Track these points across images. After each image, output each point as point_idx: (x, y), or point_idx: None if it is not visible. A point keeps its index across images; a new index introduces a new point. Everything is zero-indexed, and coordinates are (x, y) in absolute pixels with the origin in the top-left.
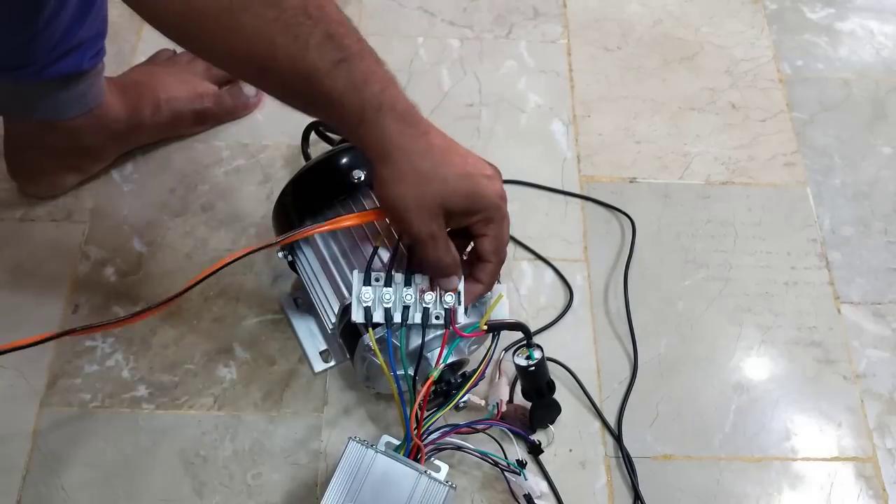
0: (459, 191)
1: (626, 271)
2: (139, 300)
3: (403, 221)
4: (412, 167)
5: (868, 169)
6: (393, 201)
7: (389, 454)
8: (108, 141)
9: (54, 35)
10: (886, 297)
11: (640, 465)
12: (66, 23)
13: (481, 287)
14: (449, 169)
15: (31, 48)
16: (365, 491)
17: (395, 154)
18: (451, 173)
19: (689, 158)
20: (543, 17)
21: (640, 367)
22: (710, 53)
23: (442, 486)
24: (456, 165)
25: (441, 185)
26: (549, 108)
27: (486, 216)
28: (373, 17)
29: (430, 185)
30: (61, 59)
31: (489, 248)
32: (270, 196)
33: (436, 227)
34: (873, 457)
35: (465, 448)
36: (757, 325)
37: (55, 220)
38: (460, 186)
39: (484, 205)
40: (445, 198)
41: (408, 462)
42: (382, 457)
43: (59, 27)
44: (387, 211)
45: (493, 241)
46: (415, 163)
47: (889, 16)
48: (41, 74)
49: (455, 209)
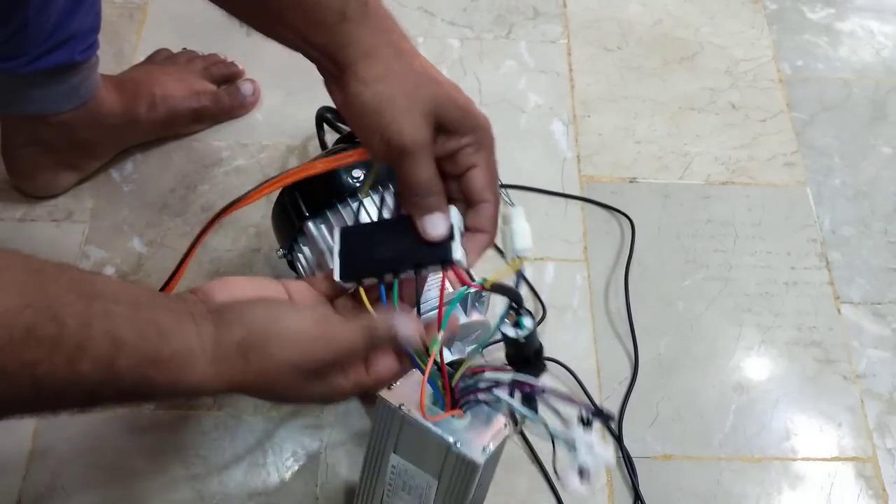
0: (455, 99)
1: (627, 271)
2: None
3: (391, 127)
4: (403, 64)
5: (868, 169)
6: (380, 102)
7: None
8: (104, 137)
9: (45, 26)
10: (886, 297)
11: (640, 465)
12: (57, 14)
13: (486, 236)
14: (440, 75)
15: (21, 39)
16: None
17: (383, 50)
18: (444, 79)
19: (689, 158)
20: (543, 17)
21: (640, 367)
22: (710, 53)
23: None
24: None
25: (435, 88)
26: (549, 108)
27: (478, 139)
28: None
29: (423, 86)
30: (53, 51)
31: (484, 183)
32: (270, 196)
33: (428, 135)
34: (873, 457)
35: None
36: (757, 325)
37: (55, 220)
38: (456, 94)
39: (476, 123)
40: (439, 103)
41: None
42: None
43: (49, 18)
44: (369, 116)
45: (488, 172)
46: (406, 60)
47: (889, 16)
48: (33, 66)
49: (448, 120)
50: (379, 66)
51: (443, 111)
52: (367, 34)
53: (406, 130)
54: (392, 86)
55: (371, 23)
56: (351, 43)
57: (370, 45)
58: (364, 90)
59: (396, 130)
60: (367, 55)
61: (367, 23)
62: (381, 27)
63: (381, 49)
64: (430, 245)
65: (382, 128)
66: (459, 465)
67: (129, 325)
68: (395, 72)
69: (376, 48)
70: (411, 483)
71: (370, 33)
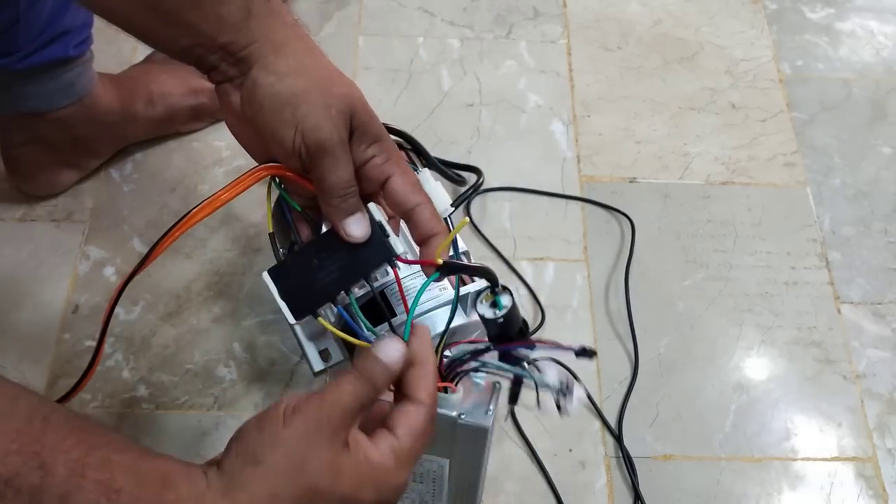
0: (366, 103)
1: (627, 271)
2: (139, 300)
3: (307, 120)
4: (315, 60)
5: (868, 169)
6: (294, 95)
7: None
8: (103, 134)
9: (37, 21)
10: (886, 297)
11: (640, 465)
12: (49, 9)
13: (439, 236)
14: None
15: (13, 35)
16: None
17: (294, 44)
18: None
19: (689, 158)
20: (543, 17)
21: (640, 367)
22: (710, 53)
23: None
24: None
25: (350, 89)
26: (549, 108)
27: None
28: (373, 17)
29: (337, 84)
30: (46, 46)
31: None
32: (270, 197)
33: (346, 134)
34: (873, 457)
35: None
36: (757, 325)
37: (55, 220)
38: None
39: (383, 133)
40: (353, 104)
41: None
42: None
43: (41, 13)
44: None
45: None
46: (316, 56)
47: (889, 16)
48: (26, 62)
49: (359, 124)
50: (291, 59)
51: (356, 113)
52: (276, 29)
53: (324, 126)
54: (306, 80)
55: (277, 18)
56: (258, 39)
57: (280, 39)
58: (276, 82)
59: (313, 125)
60: (277, 49)
61: (273, 18)
62: (287, 22)
63: (291, 43)
64: (367, 249)
65: (298, 121)
66: (469, 434)
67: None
68: (309, 66)
69: (286, 42)
70: (421, 471)
71: (278, 28)
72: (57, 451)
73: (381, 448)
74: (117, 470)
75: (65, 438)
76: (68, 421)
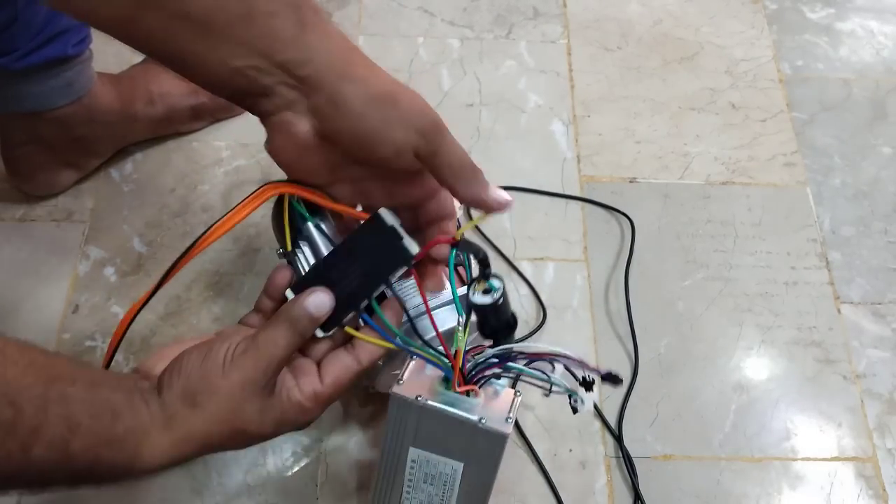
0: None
1: (627, 271)
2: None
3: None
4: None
5: (868, 169)
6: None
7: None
8: (102, 134)
9: (35, 20)
10: (886, 297)
11: (640, 465)
12: (47, 8)
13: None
14: None
15: (12, 34)
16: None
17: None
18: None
19: (689, 158)
20: (543, 17)
21: (640, 367)
22: (710, 53)
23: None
24: None
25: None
26: (549, 108)
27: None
28: (373, 17)
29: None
30: (45, 45)
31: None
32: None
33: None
34: (873, 457)
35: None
36: (757, 325)
37: (55, 220)
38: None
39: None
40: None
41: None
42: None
43: (39, 12)
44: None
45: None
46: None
47: (889, 16)
48: (25, 61)
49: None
50: (362, 64)
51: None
52: (332, 39)
53: (428, 110)
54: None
55: (327, 27)
56: (318, 53)
57: (342, 48)
58: (366, 87)
59: (421, 112)
60: (345, 58)
61: (324, 27)
62: (339, 33)
63: (352, 53)
64: (383, 255)
65: (405, 115)
66: (487, 439)
67: (84, 406)
68: (375, 66)
69: (349, 49)
70: (433, 473)
71: (334, 37)
72: (20, 387)
73: (304, 390)
74: (74, 404)
75: (24, 374)
76: (21, 353)
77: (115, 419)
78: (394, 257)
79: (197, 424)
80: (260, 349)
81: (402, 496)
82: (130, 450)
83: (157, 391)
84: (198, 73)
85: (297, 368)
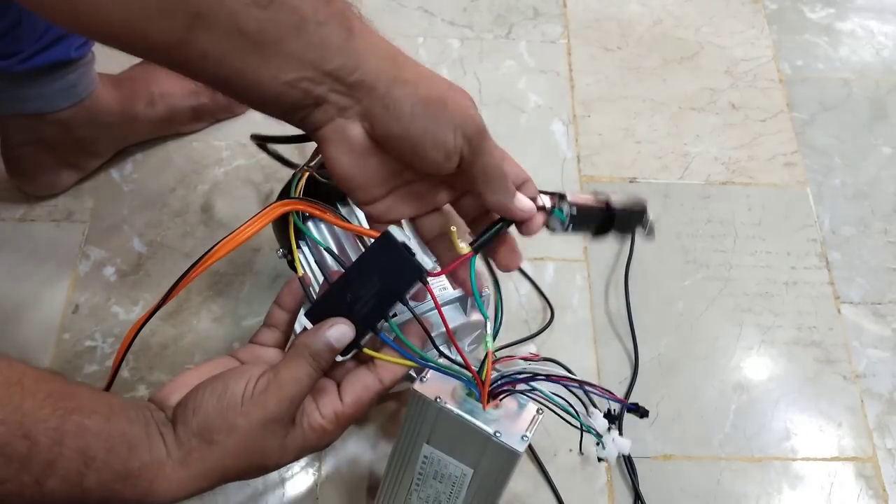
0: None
1: (627, 271)
2: (139, 300)
3: (459, 116)
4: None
5: (868, 169)
6: (438, 97)
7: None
8: (103, 135)
9: (38, 23)
10: (886, 297)
11: (640, 465)
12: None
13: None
14: None
15: (15, 37)
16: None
17: (399, 52)
18: None
19: (689, 158)
20: (543, 17)
21: (640, 367)
22: (710, 53)
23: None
24: None
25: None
26: (549, 108)
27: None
28: (373, 17)
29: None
30: (48, 48)
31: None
32: (270, 196)
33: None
34: (873, 457)
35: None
36: (757, 325)
37: (55, 220)
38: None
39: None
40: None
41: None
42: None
43: None
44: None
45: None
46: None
47: (889, 16)
48: (28, 64)
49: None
50: (410, 66)
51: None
52: (378, 42)
53: (474, 114)
54: (434, 80)
55: (374, 33)
56: (366, 58)
57: (389, 52)
58: (415, 90)
59: (467, 115)
60: (393, 61)
61: (372, 34)
62: (383, 38)
63: (400, 56)
64: (396, 272)
65: (453, 117)
66: (499, 454)
67: (100, 440)
68: (422, 67)
69: (396, 55)
70: (444, 472)
71: (382, 43)
72: (37, 419)
73: (324, 412)
74: (90, 437)
75: (42, 406)
76: (39, 384)
77: (132, 453)
78: (407, 274)
79: (214, 461)
80: (282, 387)
81: (412, 487)
82: (146, 485)
83: (173, 425)
84: (250, 91)
85: (316, 390)
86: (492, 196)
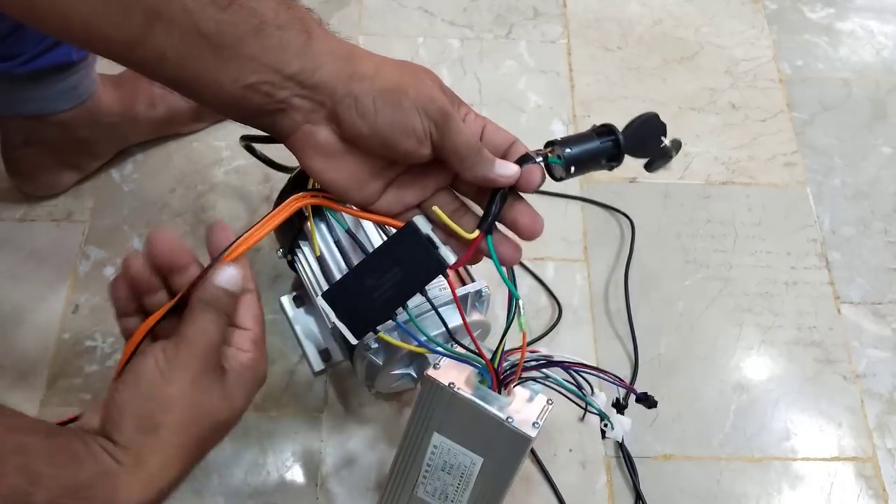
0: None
1: (627, 271)
2: None
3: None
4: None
5: (868, 169)
6: (397, 86)
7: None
8: (104, 135)
9: None
10: (886, 297)
11: (641, 465)
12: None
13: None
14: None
15: (17, 39)
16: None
17: (355, 47)
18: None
19: (689, 158)
20: (543, 17)
21: (640, 367)
22: (710, 53)
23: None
24: None
25: (417, 65)
26: (549, 108)
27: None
28: (373, 17)
29: (408, 63)
30: (49, 50)
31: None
32: (270, 196)
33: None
34: (873, 457)
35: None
36: (757, 325)
37: (55, 220)
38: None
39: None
40: (432, 74)
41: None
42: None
43: None
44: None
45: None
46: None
47: (889, 16)
48: (30, 65)
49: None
50: (366, 60)
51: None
52: (338, 45)
53: (436, 96)
54: (392, 68)
55: (332, 35)
56: (326, 58)
57: (345, 51)
58: (374, 83)
59: (429, 99)
60: (349, 59)
61: (329, 36)
62: (340, 39)
63: (356, 52)
64: (418, 263)
65: (415, 103)
66: (511, 440)
67: (42, 456)
68: (379, 58)
69: (352, 52)
70: (453, 462)
71: (339, 43)
72: None
73: (244, 346)
74: (32, 454)
75: None
76: None
77: (80, 467)
78: (429, 266)
79: (167, 445)
80: (193, 343)
81: (418, 480)
82: (105, 496)
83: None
84: (211, 94)
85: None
86: (469, 172)
